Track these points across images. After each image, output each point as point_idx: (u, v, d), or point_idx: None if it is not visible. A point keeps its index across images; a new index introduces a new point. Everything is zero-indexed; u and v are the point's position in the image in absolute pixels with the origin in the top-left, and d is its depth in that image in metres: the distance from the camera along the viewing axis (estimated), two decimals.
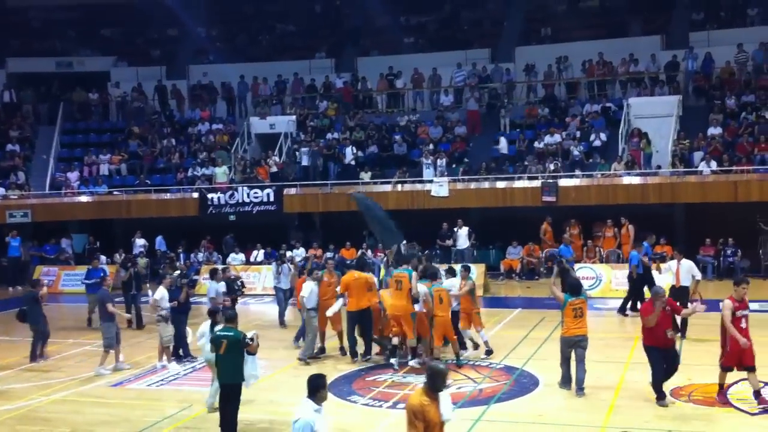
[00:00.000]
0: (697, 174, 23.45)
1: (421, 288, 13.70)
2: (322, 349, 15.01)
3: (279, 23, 37.01)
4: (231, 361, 10.21)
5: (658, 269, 17.29)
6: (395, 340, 13.83)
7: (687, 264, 15.86)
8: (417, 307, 13.63)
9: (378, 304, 14.27)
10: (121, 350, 14.93)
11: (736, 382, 11.98)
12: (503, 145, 26.82)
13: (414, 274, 13.82)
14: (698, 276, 15.88)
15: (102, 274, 17.69)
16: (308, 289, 14.51)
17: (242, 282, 21.37)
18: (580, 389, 11.93)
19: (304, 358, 14.37)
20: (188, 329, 14.81)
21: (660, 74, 28.29)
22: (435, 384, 6.92)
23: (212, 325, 11.70)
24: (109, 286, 16.06)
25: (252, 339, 10.31)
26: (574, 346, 11.97)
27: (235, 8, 36.92)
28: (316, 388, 7.28)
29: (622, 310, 18.37)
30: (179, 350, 15.10)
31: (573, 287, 12.40)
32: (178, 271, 17.82)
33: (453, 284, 14.62)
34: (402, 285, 13.55)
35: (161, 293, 14.73)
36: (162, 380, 13.79)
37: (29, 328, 15.65)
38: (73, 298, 22.76)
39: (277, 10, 36.82)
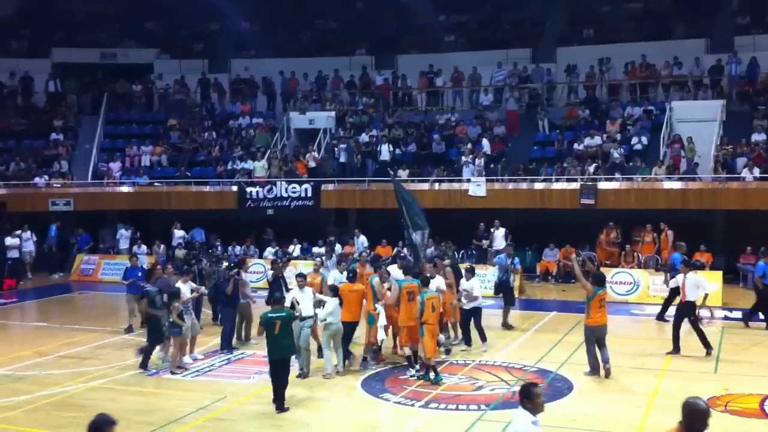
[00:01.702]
0: (739, 180, 23.08)
1: (394, 285, 13.55)
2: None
3: (320, 20, 37.19)
4: (284, 338, 11.59)
5: (666, 282, 16.86)
6: (407, 351, 13.58)
7: (693, 278, 14.91)
8: (378, 306, 13.60)
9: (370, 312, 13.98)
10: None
11: None
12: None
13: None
14: (707, 289, 15.01)
15: (140, 273, 17.69)
16: (289, 297, 13.63)
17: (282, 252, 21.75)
18: (607, 363, 12.73)
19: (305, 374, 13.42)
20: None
21: (704, 78, 27.86)
22: (693, 425, 6.06)
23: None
24: (171, 275, 15.62)
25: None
26: (597, 333, 12.79)
27: (276, 4, 37.10)
28: (524, 395, 6.81)
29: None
30: (231, 341, 15.28)
31: (599, 279, 13.19)
32: (225, 263, 17.97)
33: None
34: (414, 296, 13.40)
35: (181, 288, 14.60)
36: (198, 371, 13.92)
37: None
38: (112, 287, 23.04)
39: (318, 6, 36.99)
